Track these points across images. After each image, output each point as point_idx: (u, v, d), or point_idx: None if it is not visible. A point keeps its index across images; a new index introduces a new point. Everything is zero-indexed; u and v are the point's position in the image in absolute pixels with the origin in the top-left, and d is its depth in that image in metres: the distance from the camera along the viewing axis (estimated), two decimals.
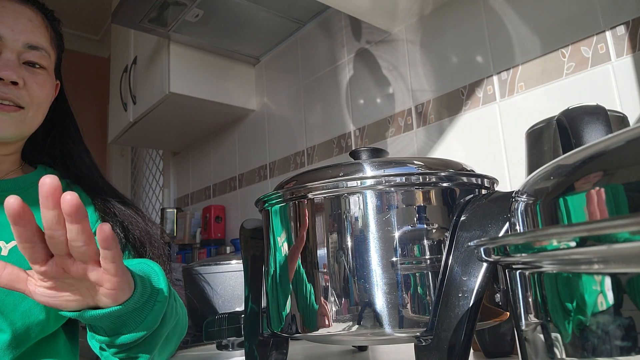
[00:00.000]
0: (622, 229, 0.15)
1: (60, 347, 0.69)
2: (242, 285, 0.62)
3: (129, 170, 2.99)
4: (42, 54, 0.68)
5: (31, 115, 0.68)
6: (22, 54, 0.66)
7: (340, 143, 1.34)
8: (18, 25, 0.66)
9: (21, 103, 0.66)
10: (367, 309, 0.44)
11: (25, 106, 0.66)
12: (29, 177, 0.72)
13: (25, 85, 0.66)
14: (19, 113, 0.66)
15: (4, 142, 0.67)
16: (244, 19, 1.41)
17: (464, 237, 0.42)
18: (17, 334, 0.61)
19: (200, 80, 1.61)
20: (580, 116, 0.44)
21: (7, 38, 0.64)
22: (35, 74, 0.68)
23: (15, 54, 0.65)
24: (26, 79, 0.66)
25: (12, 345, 0.60)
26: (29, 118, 0.68)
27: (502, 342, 0.56)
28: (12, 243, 0.64)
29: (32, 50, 0.67)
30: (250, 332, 0.58)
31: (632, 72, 0.76)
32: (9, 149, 0.70)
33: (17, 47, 0.65)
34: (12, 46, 0.65)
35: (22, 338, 0.61)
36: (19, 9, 0.67)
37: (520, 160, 0.90)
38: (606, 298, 0.19)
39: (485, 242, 0.23)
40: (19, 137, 0.68)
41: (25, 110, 0.67)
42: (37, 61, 0.68)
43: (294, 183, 0.51)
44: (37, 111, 0.69)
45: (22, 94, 0.66)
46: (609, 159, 0.21)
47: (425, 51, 1.12)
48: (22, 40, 0.66)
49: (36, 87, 0.67)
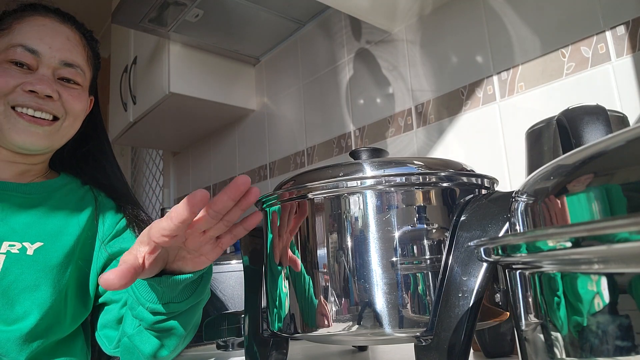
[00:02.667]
0: (621, 229, 0.15)
1: (77, 349, 0.70)
2: (242, 285, 0.63)
3: (129, 170, 2.99)
4: (77, 72, 0.70)
5: (65, 126, 0.70)
6: (57, 70, 0.68)
7: (340, 143, 1.34)
8: (56, 44, 0.68)
9: (57, 114, 0.68)
10: (367, 309, 0.44)
11: (60, 117, 0.69)
12: (54, 182, 0.74)
13: (60, 98, 0.68)
14: (52, 126, 0.68)
15: (35, 153, 0.70)
16: (244, 19, 1.41)
17: (464, 237, 0.42)
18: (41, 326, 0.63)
19: (200, 80, 1.61)
20: (580, 116, 0.44)
21: (44, 55, 0.67)
22: (70, 89, 0.70)
23: (51, 70, 0.68)
24: (61, 92, 0.68)
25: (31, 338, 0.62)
26: (63, 129, 0.70)
27: (502, 342, 0.56)
28: (38, 244, 0.66)
29: (68, 68, 0.69)
30: (250, 332, 0.58)
31: (632, 72, 0.76)
32: (38, 159, 0.72)
33: (53, 64, 0.68)
34: (48, 63, 0.67)
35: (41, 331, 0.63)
36: (59, 28, 0.70)
37: (520, 160, 0.90)
38: (606, 298, 0.19)
39: (485, 242, 0.23)
40: (50, 148, 0.71)
41: (60, 120, 0.69)
42: (72, 78, 0.70)
43: (294, 183, 0.51)
44: (72, 123, 0.71)
45: (57, 106, 0.68)
46: (609, 159, 0.21)
47: (425, 51, 1.12)
48: (58, 58, 0.68)
49: (71, 99, 0.69)
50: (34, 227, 0.67)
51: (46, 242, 0.67)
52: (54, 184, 0.73)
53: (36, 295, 0.63)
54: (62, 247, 0.67)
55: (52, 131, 0.68)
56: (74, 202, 0.73)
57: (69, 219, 0.70)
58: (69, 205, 0.72)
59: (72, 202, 0.73)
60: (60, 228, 0.69)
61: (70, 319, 0.67)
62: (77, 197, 0.74)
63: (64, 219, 0.70)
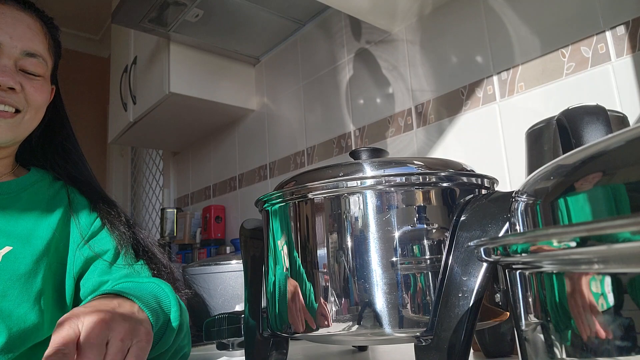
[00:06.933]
0: (622, 229, 0.15)
1: None
2: (242, 285, 0.62)
3: (129, 170, 2.99)
4: (39, 62, 0.68)
5: (28, 118, 0.68)
6: (19, 60, 0.66)
7: (340, 143, 1.34)
8: (17, 32, 0.66)
9: (19, 106, 0.66)
10: (367, 309, 0.44)
11: (22, 109, 0.66)
12: (22, 180, 0.71)
13: (22, 90, 0.66)
14: (14, 118, 0.66)
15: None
16: (244, 19, 1.41)
17: (464, 237, 0.42)
18: (13, 338, 0.61)
19: (200, 80, 1.61)
20: (580, 116, 0.44)
21: (5, 44, 0.64)
22: (32, 80, 0.68)
23: (12, 60, 0.65)
24: (23, 84, 0.66)
25: (6, 350, 0.60)
26: (26, 121, 0.68)
27: (502, 342, 0.56)
28: (6, 249, 0.64)
29: (30, 58, 0.67)
30: (250, 332, 0.58)
31: (632, 72, 0.76)
32: (3, 153, 0.70)
33: (14, 54, 0.65)
34: (9, 53, 0.65)
35: (16, 343, 0.61)
36: (18, 16, 0.67)
37: (520, 160, 0.90)
38: (606, 298, 0.19)
39: (485, 242, 0.23)
40: (14, 141, 0.68)
41: (22, 113, 0.67)
42: (34, 70, 0.68)
43: (294, 183, 0.51)
44: (34, 115, 0.69)
45: (19, 98, 0.66)
46: (609, 159, 0.21)
47: (425, 51, 1.12)
48: (19, 47, 0.66)
49: (34, 91, 0.67)
50: (1, 231, 0.64)
51: (15, 246, 0.64)
52: (22, 183, 0.71)
53: (3, 306, 0.61)
54: (32, 253, 0.65)
55: (14, 124, 0.66)
56: (45, 201, 0.70)
57: (39, 220, 0.68)
58: (40, 206, 0.69)
59: (43, 202, 0.70)
60: (29, 231, 0.66)
61: (48, 324, 0.65)
62: (49, 196, 0.71)
63: (34, 220, 0.67)
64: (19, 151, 0.75)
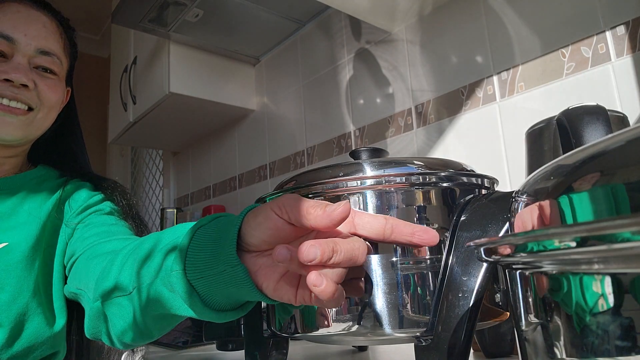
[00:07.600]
0: (622, 229, 0.15)
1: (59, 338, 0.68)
2: None
3: (129, 170, 2.99)
4: (54, 60, 0.68)
5: (40, 117, 0.68)
6: (33, 58, 0.66)
7: (340, 143, 1.34)
8: (31, 31, 0.66)
9: (31, 104, 0.66)
10: (367, 309, 0.44)
11: (35, 107, 0.66)
12: (26, 175, 0.71)
13: (35, 88, 0.66)
14: (27, 116, 0.66)
15: (8, 144, 0.67)
16: (244, 19, 1.41)
17: (464, 237, 0.42)
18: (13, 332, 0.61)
19: (200, 80, 1.61)
20: (580, 116, 0.44)
21: (20, 42, 0.65)
22: (46, 78, 0.68)
23: (26, 58, 0.65)
24: (37, 82, 0.66)
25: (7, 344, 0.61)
26: (38, 120, 0.67)
27: (502, 342, 0.56)
28: (3, 244, 0.64)
29: (44, 56, 0.67)
30: (250, 332, 0.58)
31: (632, 72, 0.76)
32: (13, 152, 0.70)
33: (29, 52, 0.65)
34: (24, 50, 0.65)
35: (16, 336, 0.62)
36: (34, 15, 0.67)
37: (520, 160, 0.90)
38: (606, 298, 0.19)
39: (485, 242, 0.23)
40: (25, 139, 0.68)
41: (35, 111, 0.67)
42: (48, 66, 0.68)
43: (294, 183, 0.51)
44: (47, 114, 0.69)
45: (32, 96, 0.65)
46: (609, 159, 0.21)
47: (425, 51, 1.12)
48: (34, 45, 0.66)
49: (47, 89, 0.67)
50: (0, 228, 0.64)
51: (11, 240, 0.64)
52: (26, 177, 0.71)
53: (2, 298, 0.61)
54: (27, 239, 0.65)
55: (26, 121, 0.65)
56: (44, 192, 0.70)
57: (35, 208, 0.68)
58: (38, 197, 0.69)
59: (42, 193, 0.70)
60: (25, 219, 0.66)
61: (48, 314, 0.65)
62: (49, 188, 0.71)
63: (30, 210, 0.67)
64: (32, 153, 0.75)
